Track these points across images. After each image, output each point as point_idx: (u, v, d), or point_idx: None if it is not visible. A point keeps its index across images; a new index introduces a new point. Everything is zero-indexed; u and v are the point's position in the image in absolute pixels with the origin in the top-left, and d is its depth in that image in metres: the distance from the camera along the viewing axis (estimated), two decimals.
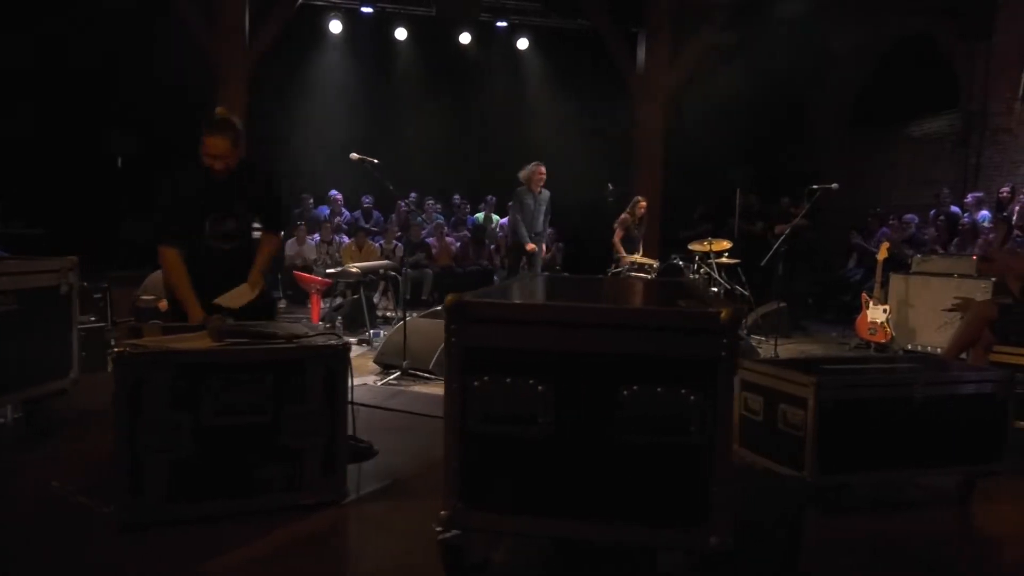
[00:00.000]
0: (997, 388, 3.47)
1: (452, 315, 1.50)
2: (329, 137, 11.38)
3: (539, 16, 11.73)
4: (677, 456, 1.47)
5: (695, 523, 1.47)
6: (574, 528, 1.52)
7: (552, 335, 1.49)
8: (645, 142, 10.63)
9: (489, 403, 1.52)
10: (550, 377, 1.50)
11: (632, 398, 1.48)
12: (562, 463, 1.51)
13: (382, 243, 11.08)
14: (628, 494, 1.50)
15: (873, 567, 2.81)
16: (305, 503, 2.39)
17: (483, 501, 1.54)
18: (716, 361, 1.44)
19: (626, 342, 1.47)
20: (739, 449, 3.69)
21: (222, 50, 9.19)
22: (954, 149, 11.21)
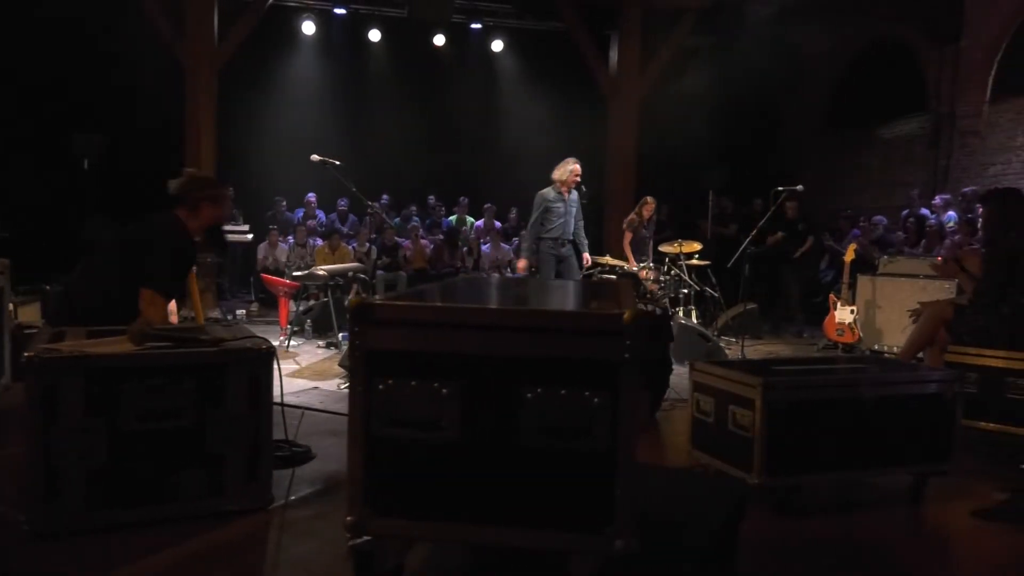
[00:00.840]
0: (944, 388, 3.49)
1: (355, 317, 1.48)
2: (302, 139, 11.29)
3: (513, 18, 11.73)
4: (581, 459, 1.45)
5: (600, 527, 1.45)
6: (480, 533, 1.49)
7: (456, 337, 1.47)
8: (618, 144, 10.65)
9: (394, 407, 1.49)
10: (455, 380, 1.47)
11: (536, 401, 1.46)
12: (467, 467, 1.49)
13: (355, 246, 11.02)
14: (533, 498, 1.48)
15: (818, 567, 2.81)
16: (228, 509, 2.35)
17: (389, 507, 1.51)
18: (619, 363, 1.42)
19: (529, 344, 1.45)
20: (692, 450, 3.69)
21: (190, 51, 9.11)
22: (924, 151, 11.32)
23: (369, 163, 12.20)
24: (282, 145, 11.27)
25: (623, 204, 10.76)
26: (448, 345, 1.47)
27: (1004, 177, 9.84)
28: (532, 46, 12.06)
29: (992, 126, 10.25)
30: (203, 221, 3.49)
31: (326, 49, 11.83)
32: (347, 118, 12.00)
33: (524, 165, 12.29)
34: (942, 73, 10.87)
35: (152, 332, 2.32)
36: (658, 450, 4.28)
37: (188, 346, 2.31)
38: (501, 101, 12.72)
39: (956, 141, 10.79)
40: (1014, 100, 9.95)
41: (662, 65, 10.54)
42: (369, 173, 12.21)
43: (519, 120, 12.45)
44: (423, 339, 1.48)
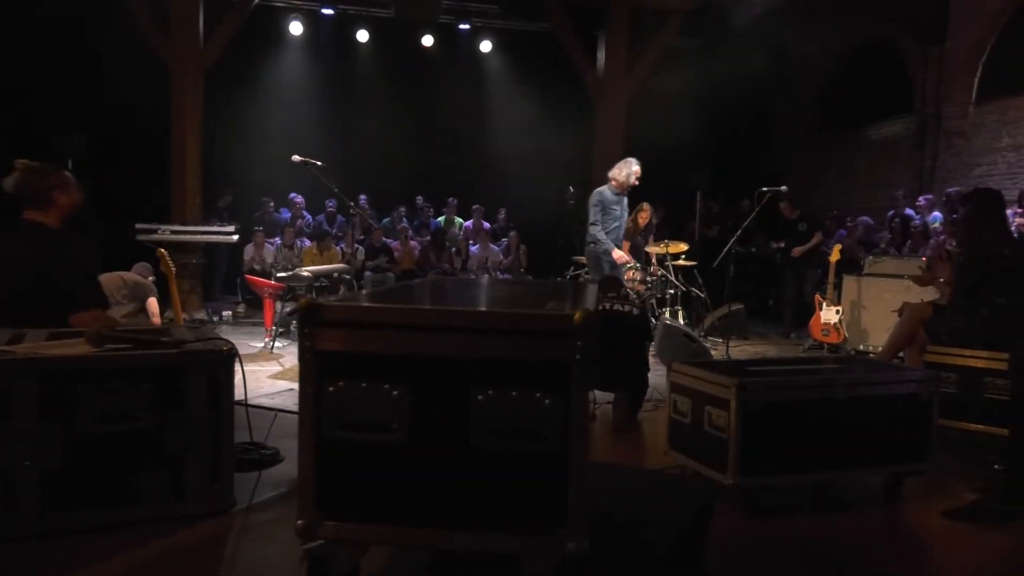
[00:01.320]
0: (921, 388, 3.49)
1: (304, 319, 1.46)
2: (289, 140, 11.26)
3: (501, 19, 11.72)
4: (532, 461, 1.44)
5: (551, 529, 1.44)
6: (431, 536, 1.48)
7: (405, 339, 1.46)
8: (605, 145, 10.65)
9: (344, 409, 1.48)
10: (405, 382, 1.46)
11: (486, 402, 1.44)
12: (418, 469, 1.48)
13: (343, 247, 10.99)
14: (484, 500, 1.47)
15: (791, 568, 2.81)
16: (189, 513, 2.32)
17: (340, 510, 1.50)
18: (570, 364, 1.41)
19: (479, 345, 1.44)
20: (670, 451, 3.69)
21: (176, 52, 9.07)
22: (911, 152, 11.37)
23: (357, 164, 12.19)
24: (269, 146, 11.22)
25: None
26: (397, 346, 1.46)
27: (989, 178, 9.87)
28: (520, 47, 12.05)
29: (977, 127, 10.29)
30: (62, 211, 3.19)
31: (313, 49, 11.79)
32: (335, 119, 11.98)
33: (512, 166, 12.31)
34: (928, 74, 10.92)
35: (111, 334, 2.30)
36: (638, 450, 4.28)
37: (147, 348, 2.29)
38: (489, 101, 12.71)
39: (942, 142, 10.83)
40: (999, 101, 9.99)
41: (649, 66, 10.55)
42: (357, 174, 12.21)
43: (507, 121, 12.45)
44: (372, 340, 1.46)
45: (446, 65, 12.28)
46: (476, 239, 11.97)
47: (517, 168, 12.13)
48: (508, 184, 12.27)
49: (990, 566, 2.66)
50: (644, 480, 2.49)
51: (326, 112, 11.96)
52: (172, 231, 8.59)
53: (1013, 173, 9.66)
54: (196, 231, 8.84)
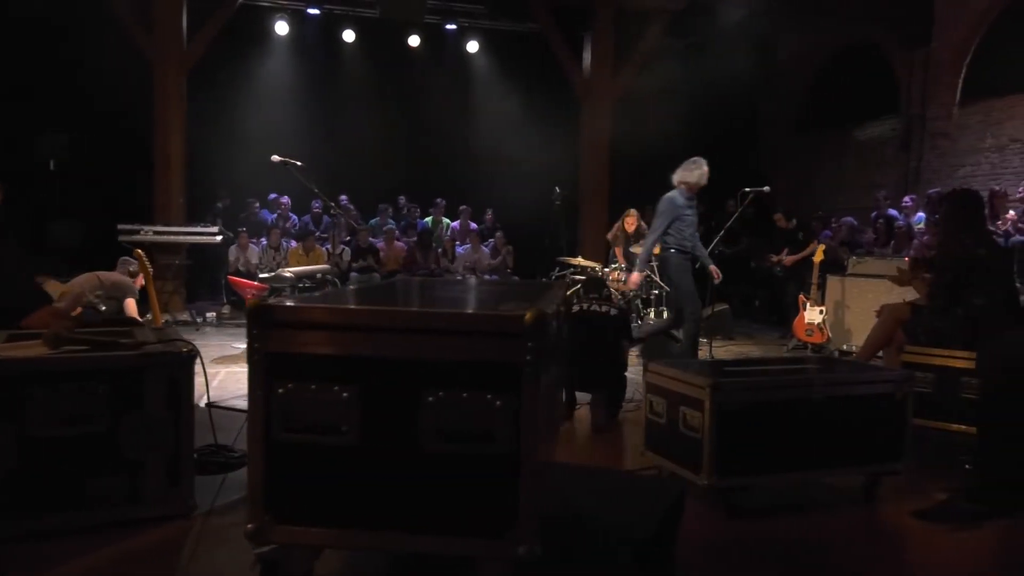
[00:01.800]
0: (896, 388, 3.49)
1: (254, 320, 1.44)
2: (275, 140, 11.21)
3: (488, 19, 11.71)
4: (482, 463, 1.42)
5: (502, 532, 1.42)
6: (383, 540, 1.46)
7: (354, 340, 1.44)
8: (592, 145, 10.66)
9: (294, 411, 1.46)
10: (355, 383, 1.44)
11: (437, 404, 1.43)
12: (369, 472, 1.46)
13: (329, 247, 10.95)
14: (435, 503, 1.45)
15: (763, 568, 2.80)
16: (147, 516, 2.29)
17: (290, 513, 1.48)
18: (521, 365, 1.40)
19: (429, 346, 1.43)
20: (646, 452, 3.68)
21: (159, 51, 9.02)
22: (896, 153, 11.41)
23: (343, 164, 12.14)
24: (254, 146, 11.16)
25: (597, 205, 10.78)
26: (347, 348, 1.44)
27: (973, 178, 9.92)
28: (507, 47, 12.04)
29: (962, 128, 10.34)
30: None
31: (299, 49, 11.74)
32: (321, 119, 11.92)
33: (499, 166, 12.29)
34: (913, 76, 10.96)
35: (69, 335, 2.27)
36: (616, 451, 4.27)
37: (105, 350, 2.26)
38: (476, 102, 12.69)
39: (927, 143, 10.88)
40: (982, 102, 10.05)
41: (636, 66, 10.56)
42: (343, 174, 12.16)
43: (494, 121, 12.42)
44: (322, 342, 1.44)
45: (432, 65, 12.26)
46: (463, 240, 11.94)
47: (504, 169, 12.12)
48: (495, 185, 12.25)
49: (961, 566, 2.66)
50: (613, 481, 2.48)
51: (312, 112, 11.91)
52: (155, 232, 8.54)
53: (996, 174, 9.71)
54: (179, 232, 8.78)
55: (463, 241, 11.93)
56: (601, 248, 10.45)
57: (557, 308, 1.83)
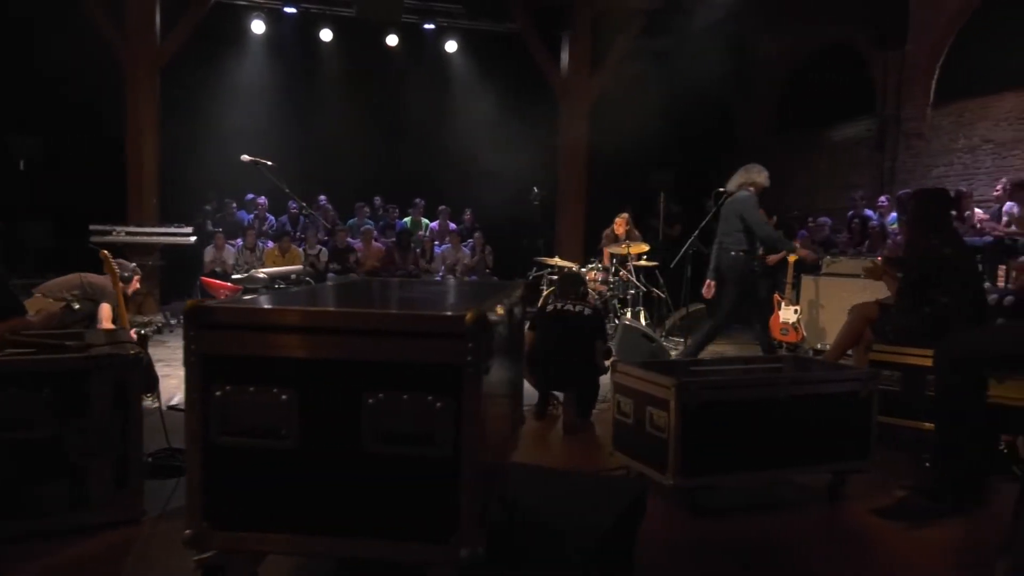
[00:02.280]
0: (861, 387, 3.50)
1: (190, 321, 1.42)
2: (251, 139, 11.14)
3: (466, 19, 11.69)
4: (424, 465, 1.40)
5: (444, 536, 1.40)
6: (323, 544, 1.44)
7: (293, 341, 1.42)
8: (569, 145, 10.66)
9: (232, 415, 1.43)
10: (294, 386, 1.42)
11: (377, 406, 1.41)
12: (309, 476, 1.43)
13: (305, 248, 10.89)
14: (376, 507, 1.43)
15: (726, 567, 2.80)
16: (94, 522, 2.25)
17: (229, 519, 1.45)
18: (461, 366, 1.38)
19: (369, 347, 1.40)
20: (614, 452, 3.67)
21: (131, 50, 8.92)
22: (871, 153, 11.51)
23: (321, 164, 12.08)
24: (230, 146, 11.06)
25: (574, 204, 10.78)
26: (285, 350, 1.42)
27: (947, 178, 10.02)
28: (486, 47, 12.02)
29: (935, 129, 10.44)
30: None
31: (276, 48, 11.66)
32: (298, 118, 11.85)
33: (478, 166, 12.26)
34: (888, 77, 11.06)
35: (13, 339, 2.22)
36: (586, 451, 4.26)
37: (51, 353, 2.21)
38: (455, 102, 12.66)
39: (901, 143, 10.97)
40: (955, 104, 10.15)
41: (613, 66, 10.58)
42: (321, 174, 12.10)
43: (473, 121, 12.40)
44: (260, 343, 1.42)
45: (411, 65, 12.21)
46: (443, 240, 11.91)
47: (483, 169, 12.10)
48: (474, 185, 12.23)
49: (920, 564, 2.67)
50: (571, 482, 2.47)
51: (289, 112, 11.83)
52: (127, 232, 8.44)
53: (968, 174, 9.82)
54: (152, 232, 8.69)
55: (442, 241, 11.90)
56: (579, 248, 10.47)
57: (507, 308, 1.81)
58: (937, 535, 2.73)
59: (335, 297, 1.84)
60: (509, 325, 1.88)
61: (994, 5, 9.48)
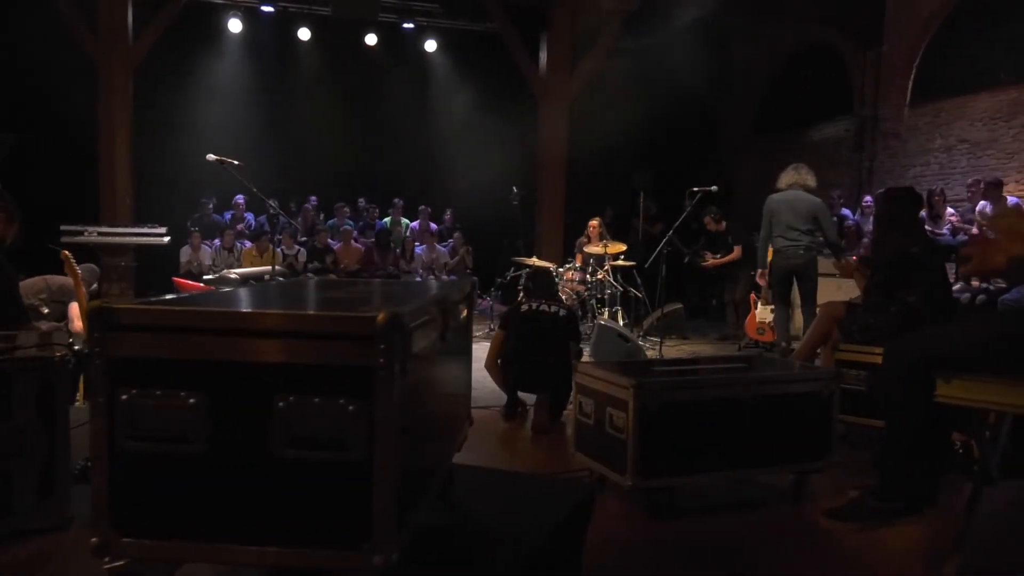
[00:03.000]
0: (823, 387, 3.48)
1: (94, 323, 1.37)
2: (228, 139, 11.05)
3: (446, 18, 11.65)
4: (335, 470, 1.37)
5: (357, 543, 1.36)
6: (234, 553, 1.40)
7: (201, 343, 1.37)
8: (548, 145, 10.64)
9: (138, 419, 1.39)
10: (202, 389, 1.38)
11: (288, 409, 1.37)
12: (218, 482, 1.39)
13: (283, 248, 10.82)
14: (288, 513, 1.39)
15: (683, 568, 2.78)
16: (18, 529, 2.19)
17: (136, 526, 1.40)
18: (373, 369, 1.34)
19: (279, 350, 1.36)
20: (575, 454, 3.64)
21: (103, 48, 8.82)
22: (850, 153, 11.55)
23: (301, 164, 12.02)
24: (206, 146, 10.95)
25: (553, 204, 10.76)
26: (193, 352, 1.37)
27: (923, 178, 10.06)
28: (466, 46, 11.98)
29: (912, 129, 10.48)
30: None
31: (253, 48, 11.56)
32: (276, 119, 11.77)
33: (458, 166, 12.23)
34: (866, 77, 11.10)
35: None
36: (553, 453, 4.23)
37: None
38: (434, 101, 12.62)
39: (879, 143, 11.02)
40: (931, 104, 10.19)
41: (592, 66, 10.56)
42: (301, 175, 12.04)
43: (453, 121, 12.37)
44: (167, 345, 1.38)
45: (391, 64, 12.16)
46: (422, 240, 11.87)
47: (463, 168, 12.07)
48: (454, 184, 12.19)
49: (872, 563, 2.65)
50: (517, 484, 2.43)
51: (267, 112, 11.75)
52: (99, 232, 8.34)
53: (944, 174, 9.86)
54: (125, 233, 8.59)
55: (422, 241, 11.86)
56: (559, 248, 10.45)
57: (442, 308, 1.78)
58: (888, 535, 2.71)
59: (255, 298, 1.80)
60: (444, 324, 1.84)
61: (969, 6, 9.53)
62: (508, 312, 5.34)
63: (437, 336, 1.81)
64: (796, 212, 6.69)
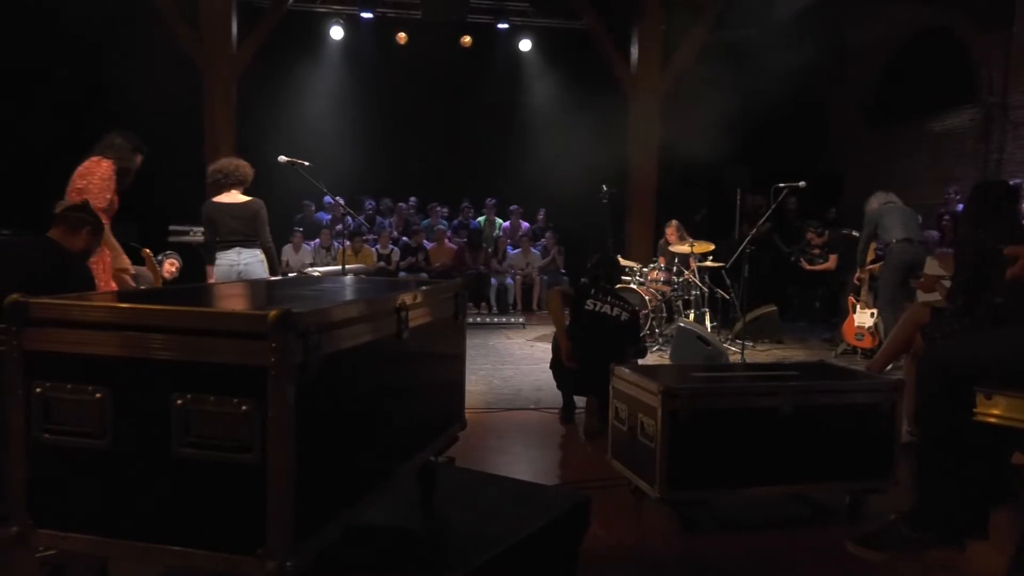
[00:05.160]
0: (882, 399, 3.19)
1: (9, 317, 1.41)
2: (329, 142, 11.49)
3: (540, 17, 11.60)
4: (231, 472, 1.33)
5: (252, 546, 1.33)
6: (136, 550, 1.39)
7: (106, 339, 1.38)
8: (639, 142, 10.38)
9: (52, 412, 1.41)
10: (108, 385, 1.38)
11: (185, 408, 1.35)
12: (123, 478, 1.39)
13: (378, 248, 11.11)
14: (187, 513, 1.37)
15: None
16: None
17: (50, 518, 1.43)
18: (265, 368, 1.30)
19: (176, 347, 1.35)
20: (611, 461, 3.50)
21: (207, 56, 9.31)
22: (975, 145, 10.63)
23: (396, 165, 12.27)
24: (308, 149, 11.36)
25: (643, 203, 10.50)
26: (99, 347, 1.38)
27: None
28: (559, 45, 11.90)
29: None
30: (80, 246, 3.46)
31: (351, 53, 11.92)
32: (373, 121, 12.05)
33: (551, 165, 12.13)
34: (992, 62, 10.18)
35: None
36: (594, 459, 4.06)
37: None
38: (529, 100, 12.58)
39: (1008, 133, 10.08)
40: None
41: (686, 60, 10.21)
42: (396, 175, 12.31)
43: (546, 119, 12.30)
44: (77, 340, 1.39)
45: (485, 65, 12.22)
46: (515, 240, 11.87)
47: (555, 167, 11.98)
48: (546, 184, 12.12)
49: None
50: (507, 490, 2.34)
51: (364, 114, 12.05)
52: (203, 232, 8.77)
53: None
54: None
55: (515, 241, 11.87)
56: (648, 248, 10.17)
57: (379, 309, 1.72)
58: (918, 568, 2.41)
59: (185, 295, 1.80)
60: (399, 324, 1.79)
61: None
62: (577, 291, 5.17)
63: (389, 336, 1.76)
64: (904, 212, 6.93)
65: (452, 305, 2.22)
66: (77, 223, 3.43)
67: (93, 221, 3.53)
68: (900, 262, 6.78)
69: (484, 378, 6.10)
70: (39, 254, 3.24)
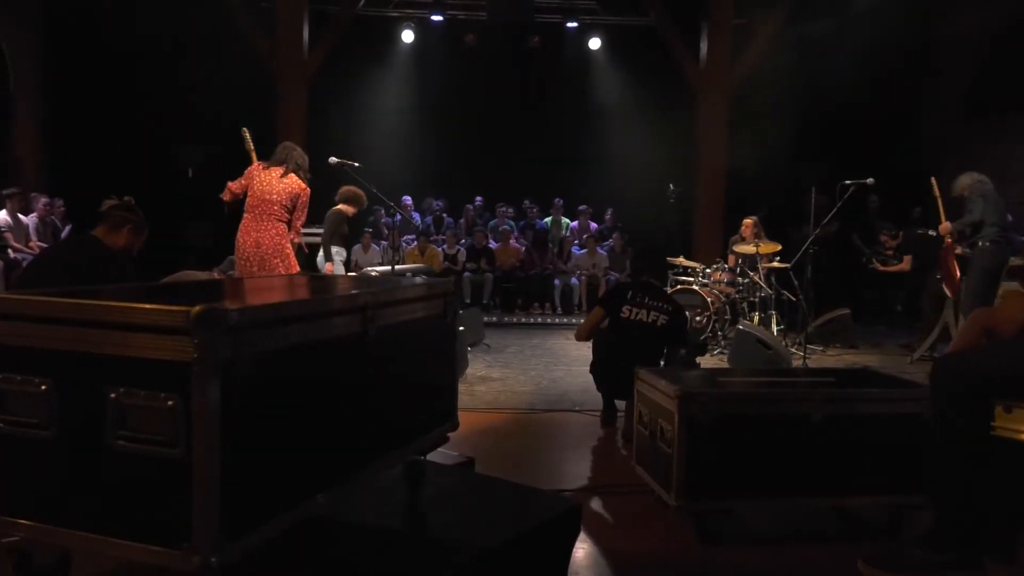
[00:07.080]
0: (923, 408, 2.97)
1: None
2: (399, 144, 11.69)
3: (609, 15, 11.47)
4: (159, 466, 1.35)
5: (176, 540, 1.34)
6: (73, 539, 1.43)
7: (48, 332, 1.42)
8: (708, 140, 10.11)
9: (5, 402, 1.47)
10: (50, 377, 1.43)
11: (118, 401, 1.37)
12: (63, 468, 1.43)
13: (445, 248, 11.21)
14: (120, 505, 1.39)
15: None
16: None
17: (7, 505, 1.49)
18: (188, 363, 1.31)
19: (108, 341, 1.37)
20: (635, 466, 3.40)
21: (280, 61, 9.61)
22: None
23: (464, 165, 12.35)
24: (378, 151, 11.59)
25: (711, 202, 10.23)
26: (43, 340, 1.43)
27: None
28: (631, 43, 11.71)
29: None
30: (122, 243, 3.54)
31: (421, 55, 12.07)
32: (442, 123, 12.17)
33: (619, 164, 11.97)
34: None
35: None
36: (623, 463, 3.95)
37: None
38: (598, 99, 12.44)
39: None
40: None
41: (758, 54, 9.88)
42: (464, 175, 12.39)
43: (614, 118, 12.14)
44: (23, 333, 1.44)
45: (554, 64, 12.16)
46: (582, 241, 11.76)
47: (625, 167, 11.81)
48: (613, 183, 11.96)
49: None
50: (496, 492, 2.30)
51: (435, 117, 12.17)
52: None
53: None
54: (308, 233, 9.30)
55: (582, 241, 11.76)
56: (717, 248, 9.88)
57: (334, 307, 1.72)
58: None
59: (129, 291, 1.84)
60: (364, 323, 1.78)
61: None
62: (609, 294, 5.13)
63: (351, 334, 1.75)
64: (1000, 203, 6.39)
65: (440, 305, 2.19)
66: (119, 221, 3.57)
67: (135, 220, 3.67)
68: (993, 265, 6.26)
69: (533, 379, 6.05)
70: (80, 249, 3.40)
